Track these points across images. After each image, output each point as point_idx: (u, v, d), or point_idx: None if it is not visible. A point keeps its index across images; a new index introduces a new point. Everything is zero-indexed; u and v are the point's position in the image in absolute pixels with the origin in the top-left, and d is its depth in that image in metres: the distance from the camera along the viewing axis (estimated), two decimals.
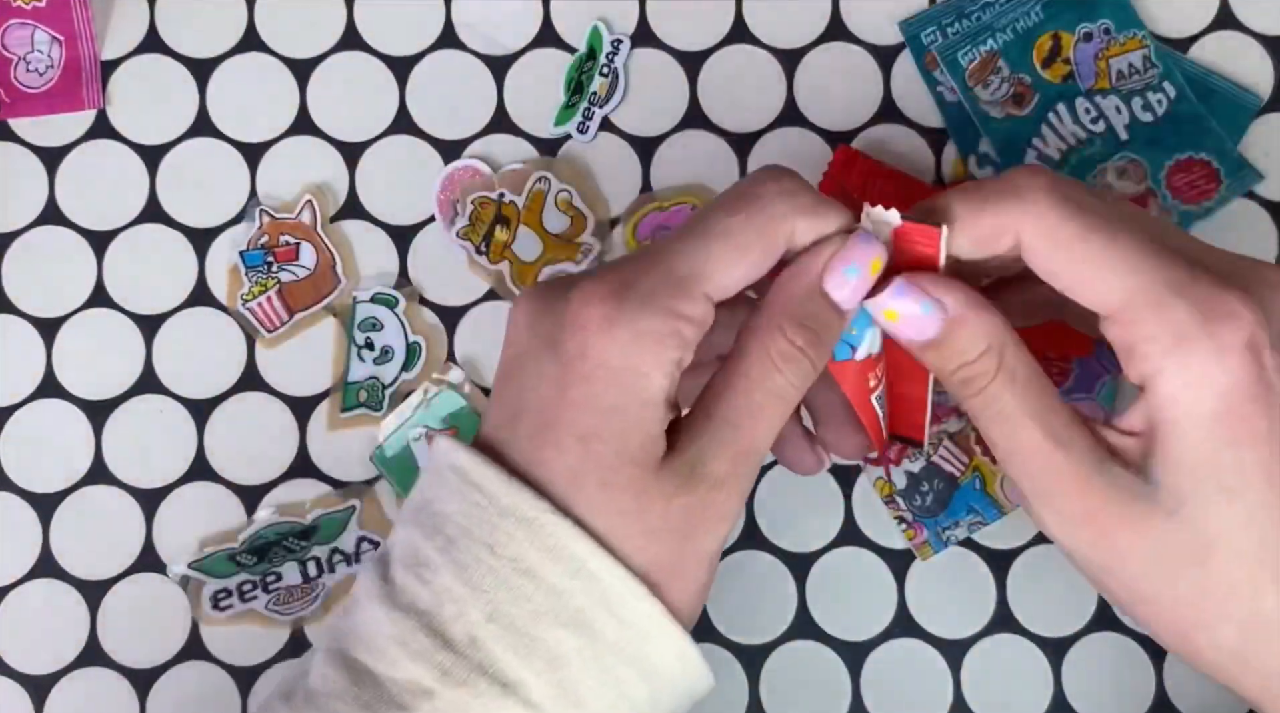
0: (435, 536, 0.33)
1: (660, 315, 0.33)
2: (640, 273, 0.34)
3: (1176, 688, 0.50)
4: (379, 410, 0.52)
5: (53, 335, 0.53)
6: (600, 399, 0.33)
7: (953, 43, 0.51)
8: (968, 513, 0.50)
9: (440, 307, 0.53)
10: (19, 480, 0.52)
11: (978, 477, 0.50)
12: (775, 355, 0.34)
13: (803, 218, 0.34)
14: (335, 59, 0.54)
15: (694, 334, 0.33)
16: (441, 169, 0.53)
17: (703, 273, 0.33)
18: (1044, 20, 0.51)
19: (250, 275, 0.52)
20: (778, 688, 0.51)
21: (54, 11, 0.54)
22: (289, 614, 0.51)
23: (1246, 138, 0.51)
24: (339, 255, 0.53)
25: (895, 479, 0.51)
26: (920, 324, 0.34)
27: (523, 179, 0.52)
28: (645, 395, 0.33)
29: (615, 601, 0.32)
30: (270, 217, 0.53)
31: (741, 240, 0.34)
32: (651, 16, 0.53)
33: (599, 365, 0.33)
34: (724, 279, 0.34)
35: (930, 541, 0.50)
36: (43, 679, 0.52)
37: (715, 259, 0.33)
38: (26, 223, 0.53)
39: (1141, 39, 0.51)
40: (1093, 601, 0.50)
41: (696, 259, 0.33)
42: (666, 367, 0.33)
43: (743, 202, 0.34)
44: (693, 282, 0.33)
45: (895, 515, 0.51)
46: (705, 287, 0.33)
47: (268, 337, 0.52)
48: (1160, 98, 0.51)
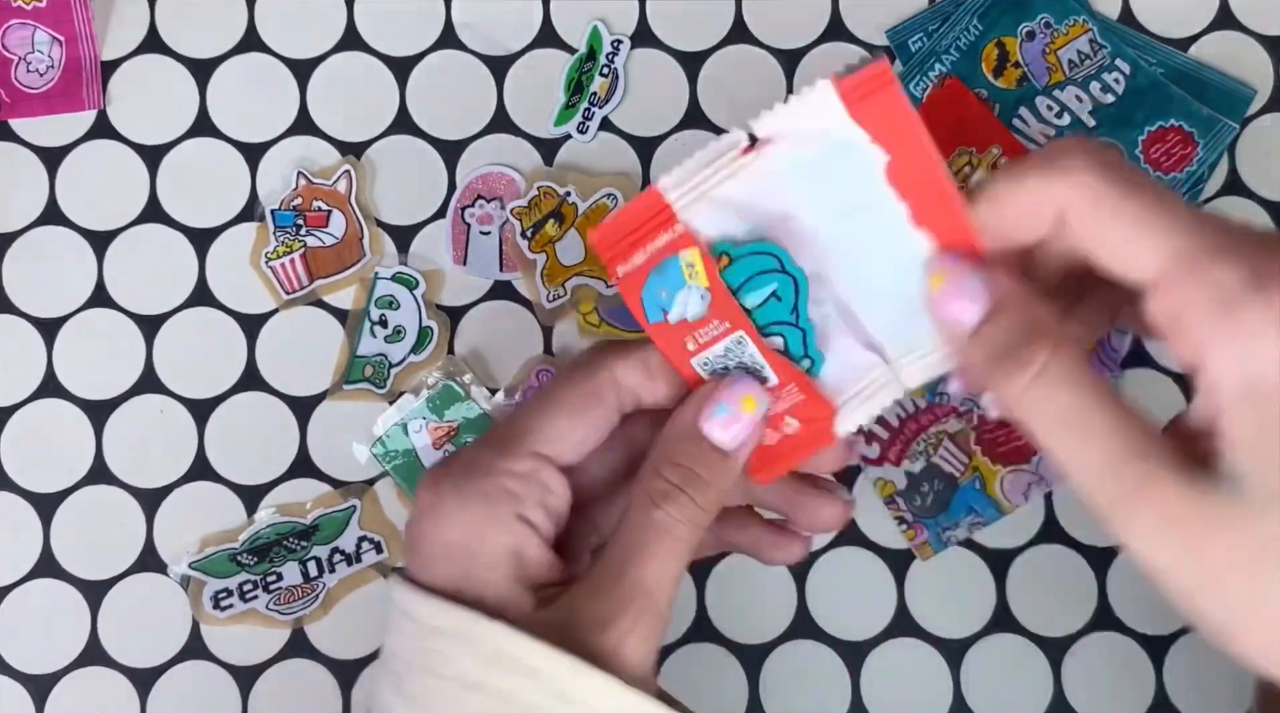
0: (387, 676, 0.34)
1: (483, 476, 0.34)
2: (469, 447, 0.36)
3: (1176, 688, 0.50)
4: (382, 388, 0.52)
5: (53, 335, 0.53)
6: (445, 573, 0.34)
7: (904, 74, 0.52)
8: (968, 513, 0.50)
9: (440, 307, 0.53)
10: (19, 480, 0.52)
11: (978, 477, 0.50)
12: (652, 493, 0.34)
13: (619, 361, 0.35)
14: (335, 59, 0.54)
15: (525, 488, 0.34)
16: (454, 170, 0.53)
17: (524, 430, 0.35)
18: (984, 31, 0.52)
19: (278, 234, 0.53)
20: (778, 688, 0.51)
21: (54, 12, 0.54)
22: (289, 614, 0.52)
23: (1244, 137, 0.51)
24: (368, 229, 0.53)
25: (895, 480, 0.51)
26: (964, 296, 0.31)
27: (593, 187, 0.52)
28: (485, 558, 0.34)
29: (565, 686, 0.32)
30: (308, 180, 0.53)
31: (561, 393, 0.35)
32: (651, 16, 0.54)
33: (438, 545, 0.34)
34: (549, 431, 0.35)
35: (930, 541, 0.50)
36: (43, 679, 0.52)
37: (539, 414, 0.35)
38: (26, 223, 0.53)
39: (1084, 23, 0.51)
40: (1092, 601, 0.50)
41: (521, 421, 0.35)
42: (504, 522, 0.34)
43: (571, 364, 0.36)
44: (516, 440, 0.35)
45: (895, 516, 0.51)
46: (529, 443, 0.35)
47: (285, 297, 0.53)
48: (1116, 76, 0.51)
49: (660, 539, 0.34)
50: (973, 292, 0.31)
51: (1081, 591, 0.50)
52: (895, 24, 0.53)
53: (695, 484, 0.34)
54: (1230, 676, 0.50)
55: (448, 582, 0.34)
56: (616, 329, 0.52)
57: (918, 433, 0.51)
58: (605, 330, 0.52)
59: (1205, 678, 0.50)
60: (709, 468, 0.34)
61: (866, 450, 0.51)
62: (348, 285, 0.53)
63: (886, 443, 0.51)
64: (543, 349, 0.52)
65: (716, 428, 0.34)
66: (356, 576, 0.52)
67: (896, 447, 0.51)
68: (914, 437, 0.51)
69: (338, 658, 0.52)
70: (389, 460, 0.52)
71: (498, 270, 0.53)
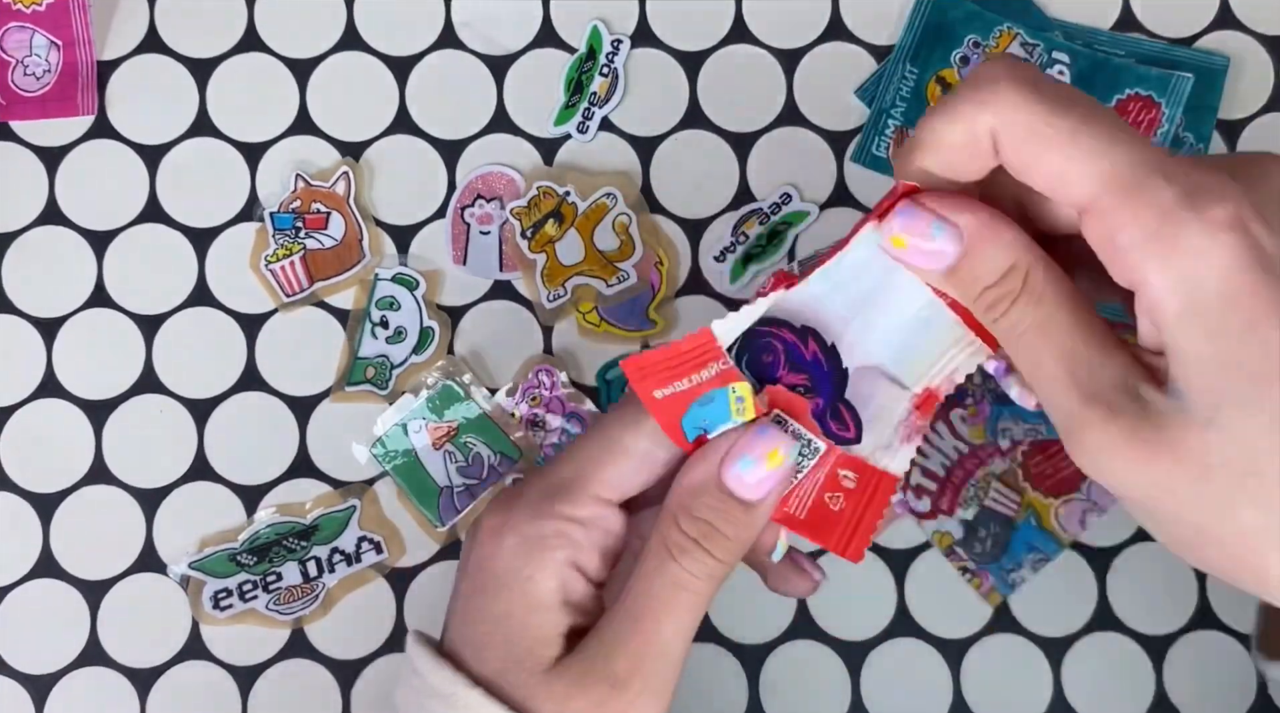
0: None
1: (543, 519, 0.34)
2: (531, 483, 0.35)
3: (1176, 688, 0.50)
4: (384, 389, 0.52)
5: (53, 335, 0.53)
6: (489, 609, 0.34)
7: (862, 143, 0.52)
8: (1029, 551, 0.50)
9: (440, 307, 0.53)
10: (19, 480, 0.52)
11: (1032, 513, 0.50)
12: (670, 546, 0.33)
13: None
14: (335, 59, 0.54)
15: (584, 535, 0.34)
16: (454, 170, 0.53)
17: (588, 475, 0.34)
18: (920, 73, 0.52)
19: (277, 237, 0.53)
20: (778, 688, 0.51)
21: (53, 16, 0.54)
22: (289, 614, 0.52)
23: (1245, 137, 0.51)
24: (367, 231, 0.53)
25: (952, 530, 0.50)
26: (931, 250, 0.31)
27: (592, 186, 0.52)
28: (531, 600, 0.34)
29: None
30: (306, 182, 0.53)
31: (624, 439, 0.34)
32: (651, 16, 0.53)
33: (489, 576, 0.34)
34: (613, 477, 0.34)
35: (998, 586, 0.50)
36: (43, 679, 0.52)
37: (598, 461, 0.34)
38: (26, 223, 0.53)
39: (1009, 29, 0.51)
40: (1092, 601, 0.50)
41: (581, 463, 0.35)
42: (554, 568, 0.34)
43: (628, 401, 0.35)
44: (577, 484, 0.34)
45: (959, 567, 0.50)
46: (593, 488, 0.34)
47: (285, 301, 0.53)
48: (1060, 68, 0.51)
49: (676, 595, 0.33)
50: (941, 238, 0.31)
51: (1081, 591, 0.50)
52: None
53: (715, 540, 0.33)
54: (1230, 676, 0.50)
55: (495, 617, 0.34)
56: (616, 329, 0.52)
57: (965, 479, 0.50)
58: (605, 329, 0.52)
59: (1205, 678, 0.50)
60: (731, 522, 0.33)
61: (917, 505, 0.50)
62: (348, 287, 0.53)
63: (936, 494, 0.50)
64: (542, 349, 0.52)
65: (740, 479, 0.33)
66: (356, 576, 0.52)
67: (947, 496, 0.50)
68: (962, 484, 0.50)
69: (337, 658, 0.52)
70: (389, 461, 0.52)
71: (498, 270, 0.53)
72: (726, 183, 0.53)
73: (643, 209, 0.52)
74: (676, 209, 0.53)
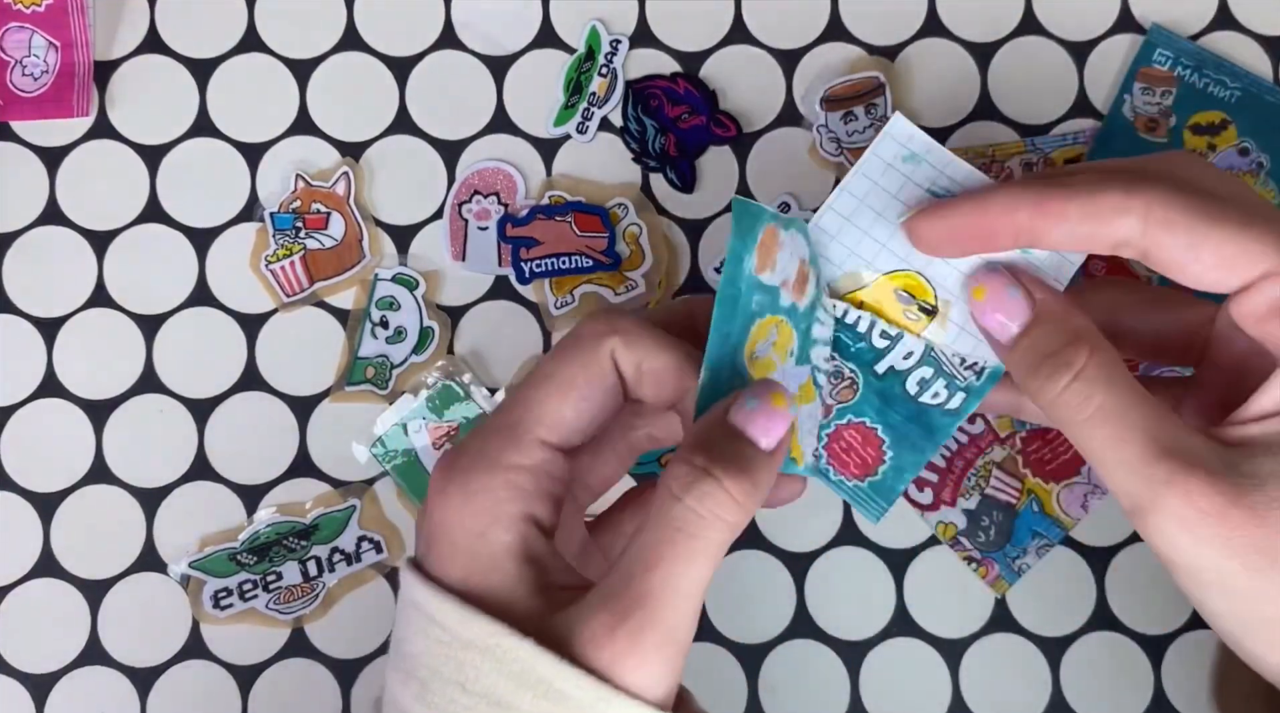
0: (410, 681, 0.32)
1: (487, 471, 0.32)
2: (474, 434, 0.34)
3: (1176, 688, 0.50)
4: (384, 389, 0.52)
5: (53, 335, 0.53)
6: (450, 576, 0.32)
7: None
8: (1033, 538, 0.50)
9: (440, 307, 0.53)
10: (19, 480, 0.53)
11: (1034, 499, 0.50)
12: (672, 483, 0.30)
13: (620, 340, 0.33)
14: (335, 59, 0.54)
15: (533, 481, 0.33)
16: (454, 170, 0.53)
17: (529, 418, 0.33)
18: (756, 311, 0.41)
19: (277, 237, 0.53)
20: (777, 688, 0.51)
21: (53, 17, 0.54)
22: (289, 614, 0.52)
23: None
24: (367, 231, 0.53)
25: (955, 520, 0.50)
26: (1006, 306, 0.33)
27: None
28: (487, 558, 0.32)
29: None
30: (306, 182, 0.53)
31: (561, 375, 0.33)
32: (651, 16, 0.53)
33: (446, 542, 0.32)
34: (554, 418, 0.33)
35: (1003, 574, 0.50)
36: (43, 679, 0.52)
37: (539, 402, 0.33)
38: (26, 223, 0.54)
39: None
40: (1091, 601, 0.50)
41: (521, 407, 0.33)
42: (506, 520, 0.32)
43: (563, 341, 0.34)
44: (520, 429, 0.33)
45: (963, 557, 0.50)
46: (536, 431, 0.33)
47: (285, 301, 0.53)
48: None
49: (674, 539, 0.30)
50: (1013, 303, 0.33)
51: (1081, 590, 0.50)
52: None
53: (723, 465, 0.30)
54: None
55: (456, 581, 0.32)
56: None
57: (966, 469, 0.50)
58: None
59: (1203, 677, 0.50)
60: (738, 456, 0.31)
61: (919, 497, 0.50)
62: (348, 287, 0.53)
63: (938, 485, 0.50)
64: (542, 349, 0.53)
65: (748, 420, 0.31)
66: (356, 575, 0.52)
67: (948, 487, 0.50)
68: (963, 473, 0.50)
69: (337, 657, 0.52)
70: (389, 460, 0.52)
71: (496, 265, 0.53)
72: (727, 183, 0.53)
73: (645, 207, 0.52)
74: (677, 211, 0.53)
